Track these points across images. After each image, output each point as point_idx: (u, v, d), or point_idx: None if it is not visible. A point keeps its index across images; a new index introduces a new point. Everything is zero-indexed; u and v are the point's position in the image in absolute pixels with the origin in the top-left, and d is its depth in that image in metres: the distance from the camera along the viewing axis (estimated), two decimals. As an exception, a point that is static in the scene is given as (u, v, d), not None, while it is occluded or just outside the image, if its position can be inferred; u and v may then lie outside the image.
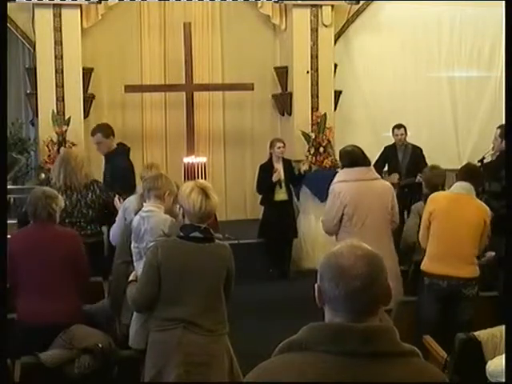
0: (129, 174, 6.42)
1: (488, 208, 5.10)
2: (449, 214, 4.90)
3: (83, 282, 4.63)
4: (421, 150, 8.40)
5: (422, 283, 4.92)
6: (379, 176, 5.80)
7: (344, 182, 5.47)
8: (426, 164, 7.14)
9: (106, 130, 6.65)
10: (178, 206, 4.12)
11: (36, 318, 4.25)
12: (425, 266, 4.96)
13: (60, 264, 4.42)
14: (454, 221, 4.88)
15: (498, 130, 6.62)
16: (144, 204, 4.50)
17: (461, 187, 4.99)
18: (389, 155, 8.54)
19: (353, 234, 5.28)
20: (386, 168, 8.55)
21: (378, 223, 5.39)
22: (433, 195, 5.15)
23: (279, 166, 7.78)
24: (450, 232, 4.87)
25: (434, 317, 4.83)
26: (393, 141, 8.67)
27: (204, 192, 3.84)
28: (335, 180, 5.59)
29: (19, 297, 4.45)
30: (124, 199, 5.45)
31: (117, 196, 5.65)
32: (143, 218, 4.39)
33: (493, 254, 5.45)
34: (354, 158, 5.54)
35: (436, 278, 4.86)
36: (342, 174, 5.56)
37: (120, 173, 6.34)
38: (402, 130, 8.51)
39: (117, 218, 5.23)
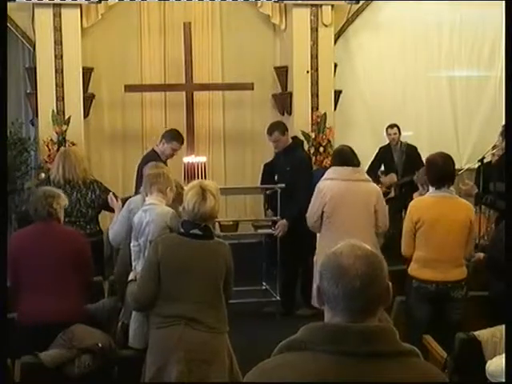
0: (309, 165, 7.17)
1: (471, 206, 5.06)
2: (436, 221, 4.83)
3: (86, 280, 4.65)
4: (415, 148, 8.42)
5: (410, 285, 4.92)
6: (368, 178, 5.79)
7: (328, 180, 5.54)
8: (422, 162, 7.12)
9: (281, 128, 7.00)
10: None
11: (39, 317, 4.26)
12: (412, 270, 4.93)
13: (62, 262, 4.44)
14: (441, 227, 4.82)
15: (501, 129, 6.64)
16: (146, 199, 4.53)
17: (441, 191, 4.87)
18: (384, 155, 8.57)
19: (332, 232, 5.34)
20: (382, 168, 8.58)
21: (359, 224, 5.38)
22: (415, 203, 5.04)
23: None
24: (438, 238, 4.82)
25: (423, 317, 4.83)
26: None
27: (202, 193, 3.84)
28: (323, 178, 5.64)
29: (21, 296, 4.46)
30: (125, 200, 5.48)
31: (110, 193, 5.69)
32: (145, 211, 4.40)
33: (482, 254, 5.44)
34: (342, 157, 5.59)
35: (424, 282, 4.85)
36: (328, 172, 5.63)
37: (301, 164, 6.90)
38: (396, 129, 8.55)
39: (118, 218, 5.24)
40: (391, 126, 8.57)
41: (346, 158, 5.56)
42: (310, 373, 1.66)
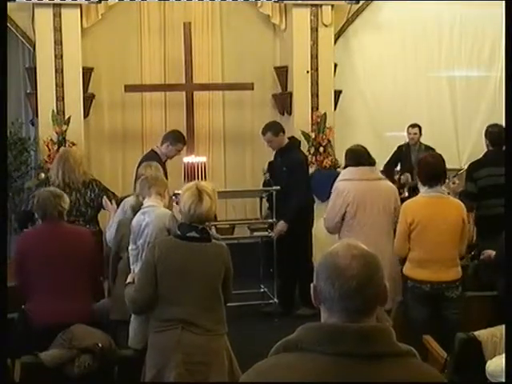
0: (304, 166, 7.15)
1: (463, 205, 5.05)
2: (429, 221, 4.83)
3: (96, 280, 4.67)
4: (434, 151, 8.34)
5: (406, 285, 4.92)
6: (383, 176, 5.80)
7: (348, 181, 5.46)
8: None
9: (275, 128, 7.04)
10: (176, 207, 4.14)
11: (50, 318, 4.26)
12: (407, 270, 4.95)
13: (73, 262, 4.46)
14: (434, 227, 4.82)
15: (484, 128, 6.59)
16: (144, 201, 4.55)
17: (433, 190, 4.89)
18: (402, 155, 8.53)
19: (354, 233, 5.28)
20: (398, 167, 8.56)
21: (381, 223, 5.38)
22: (408, 204, 5.04)
23: None
24: (433, 239, 4.83)
25: (420, 317, 4.83)
26: (397, 140, 8.69)
27: (199, 195, 3.82)
28: (339, 178, 5.58)
29: (32, 297, 4.46)
30: (120, 200, 5.51)
31: (105, 197, 5.71)
32: (144, 213, 4.41)
33: (493, 252, 5.42)
34: (359, 157, 5.54)
35: (419, 283, 4.86)
36: (346, 173, 5.56)
37: (296, 164, 6.90)
38: (417, 129, 8.52)
39: (114, 220, 5.25)
40: (412, 126, 8.54)
41: (362, 157, 5.54)
42: (307, 373, 1.65)
